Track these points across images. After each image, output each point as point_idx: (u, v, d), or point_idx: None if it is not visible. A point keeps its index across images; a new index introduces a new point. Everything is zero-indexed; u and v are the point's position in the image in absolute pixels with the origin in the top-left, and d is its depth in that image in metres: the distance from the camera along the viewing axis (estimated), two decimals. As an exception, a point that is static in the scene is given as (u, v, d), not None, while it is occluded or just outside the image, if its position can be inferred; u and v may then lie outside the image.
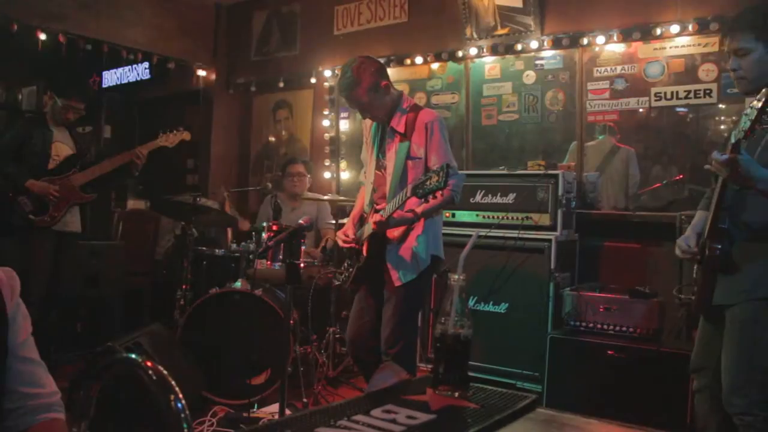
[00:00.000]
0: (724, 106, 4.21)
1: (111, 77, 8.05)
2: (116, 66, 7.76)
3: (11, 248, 4.42)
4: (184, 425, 1.05)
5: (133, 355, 1.20)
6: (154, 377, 1.12)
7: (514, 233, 4.27)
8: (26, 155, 4.46)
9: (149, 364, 1.15)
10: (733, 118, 4.15)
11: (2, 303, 1.47)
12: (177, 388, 1.11)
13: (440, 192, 2.89)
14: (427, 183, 2.87)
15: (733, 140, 2.17)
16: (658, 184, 4.44)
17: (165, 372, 1.15)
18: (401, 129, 3.29)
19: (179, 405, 1.07)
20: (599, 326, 3.85)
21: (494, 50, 5.09)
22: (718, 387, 2.55)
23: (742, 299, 2.45)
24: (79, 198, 4.60)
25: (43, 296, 4.33)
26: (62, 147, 4.63)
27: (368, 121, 3.52)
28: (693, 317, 2.80)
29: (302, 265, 4.46)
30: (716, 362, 2.59)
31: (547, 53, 4.90)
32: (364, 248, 3.38)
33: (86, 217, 4.75)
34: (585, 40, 4.66)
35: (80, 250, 5.15)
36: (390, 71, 4.88)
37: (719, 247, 2.46)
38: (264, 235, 4.46)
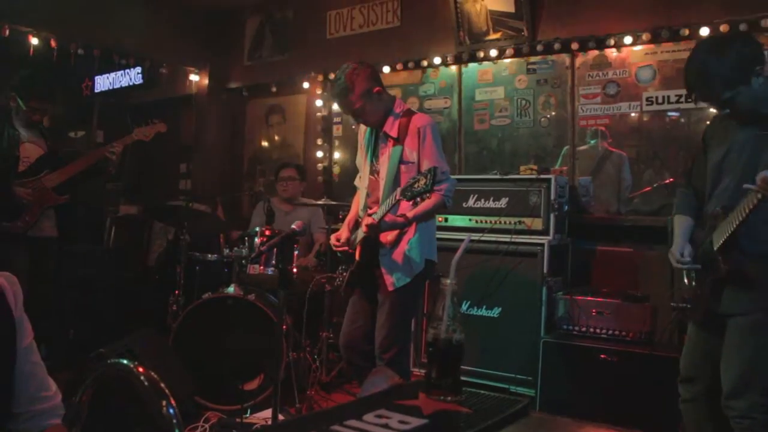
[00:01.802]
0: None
1: (103, 82, 8.02)
2: (108, 71, 7.74)
3: None
4: (176, 430, 1.05)
5: (126, 361, 1.20)
6: (147, 383, 1.12)
7: (506, 238, 4.28)
8: None
9: (141, 369, 1.15)
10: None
11: (8, 308, 1.47)
12: (169, 394, 1.11)
13: (429, 195, 2.89)
14: (415, 186, 2.88)
15: None
16: (648, 188, 4.46)
17: (157, 378, 1.15)
18: (394, 134, 3.29)
19: (171, 410, 1.07)
20: (592, 330, 3.86)
21: (486, 55, 5.11)
22: (713, 394, 2.57)
23: (751, 309, 2.48)
24: (53, 200, 4.40)
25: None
26: (32, 148, 4.43)
27: (362, 126, 3.53)
28: (684, 324, 2.84)
29: (295, 270, 4.46)
30: (711, 370, 2.61)
31: (539, 58, 4.92)
32: (357, 252, 3.38)
33: (70, 221, 4.63)
34: (577, 45, 4.67)
35: (72, 255, 5.12)
36: (382, 76, 4.89)
37: (736, 260, 2.49)
38: (257, 240, 4.45)
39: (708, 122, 2.82)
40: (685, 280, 2.80)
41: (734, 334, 2.53)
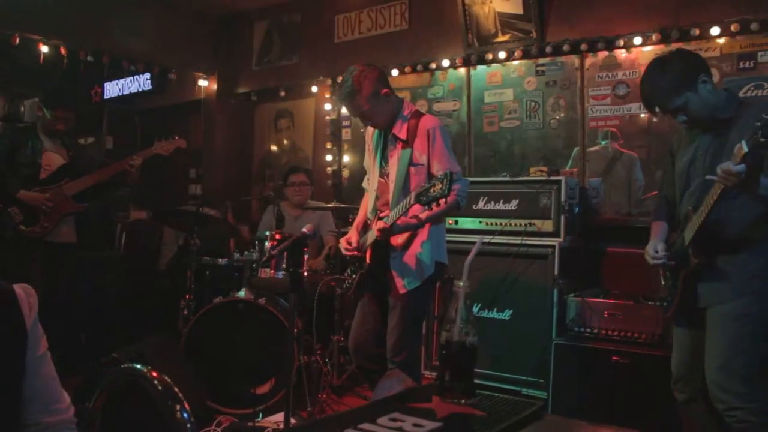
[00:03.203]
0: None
1: (112, 88, 8.07)
2: (118, 77, 7.78)
3: (2, 260, 4.35)
4: (191, 435, 1.05)
5: (139, 366, 1.20)
6: (160, 387, 1.12)
7: (517, 240, 4.26)
8: (16, 166, 4.40)
9: (155, 374, 1.15)
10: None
11: (21, 319, 1.48)
12: (182, 398, 1.11)
13: (444, 200, 2.88)
14: (431, 191, 2.86)
15: (745, 149, 2.24)
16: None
17: (170, 382, 1.15)
18: (403, 136, 3.28)
19: (185, 415, 1.07)
20: (603, 332, 3.84)
21: (495, 57, 5.10)
22: (708, 392, 2.64)
23: (728, 297, 2.60)
24: (71, 208, 4.53)
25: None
26: (54, 157, 4.56)
27: (370, 129, 3.52)
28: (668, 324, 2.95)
29: (306, 273, 4.45)
30: (701, 367, 2.68)
31: (548, 60, 4.91)
32: (368, 256, 3.37)
33: (84, 227, 4.70)
34: (586, 47, 4.66)
35: (83, 261, 5.14)
36: (391, 79, 4.88)
37: (707, 254, 2.64)
38: (267, 244, 4.45)
39: (673, 138, 3.04)
40: (662, 280, 2.94)
41: (713, 325, 2.64)
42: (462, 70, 5.36)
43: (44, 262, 4.45)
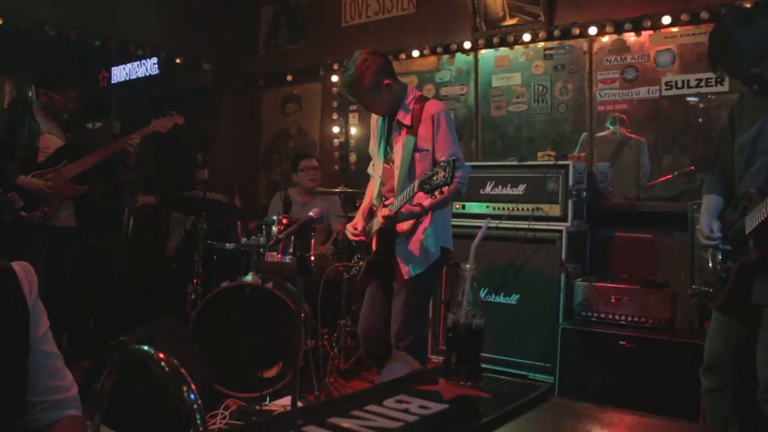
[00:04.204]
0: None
1: (120, 73, 8.06)
2: (125, 62, 7.77)
3: (4, 246, 4.31)
4: (197, 416, 1.05)
5: (146, 347, 1.20)
6: (167, 369, 1.13)
7: (524, 224, 4.26)
8: (13, 148, 4.33)
9: (162, 355, 1.15)
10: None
11: (22, 297, 1.49)
12: (190, 380, 1.11)
13: (449, 187, 2.88)
14: (434, 178, 2.86)
15: None
16: (670, 176, 4.41)
17: (177, 363, 1.15)
18: (407, 122, 3.27)
19: (192, 396, 1.07)
20: (611, 317, 3.84)
21: (503, 41, 5.06)
22: (737, 384, 2.53)
23: None
24: (71, 191, 4.48)
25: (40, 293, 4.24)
26: (51, 139, 4.49)
27: (375, 115, 3.51)
28: (706, 309, 2.77)
29: (313, 258, 4.46)
30: (736, 359, 2.56)
31: (556, 43, 4.87)
32: (374, 242, 3.38)
33: (89, 211, 4.68)
34: (594, 30, 4.62)
35: (90, 245, 5.16)
36: (398, 63, 4.86)
37: None
38: (274, 229, 4.46)
39: (734, 102, 2.66)
40: (710, 263, 2.65)
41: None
42: (469, 55, 5.33)
43: (47, 247, 4.41)
